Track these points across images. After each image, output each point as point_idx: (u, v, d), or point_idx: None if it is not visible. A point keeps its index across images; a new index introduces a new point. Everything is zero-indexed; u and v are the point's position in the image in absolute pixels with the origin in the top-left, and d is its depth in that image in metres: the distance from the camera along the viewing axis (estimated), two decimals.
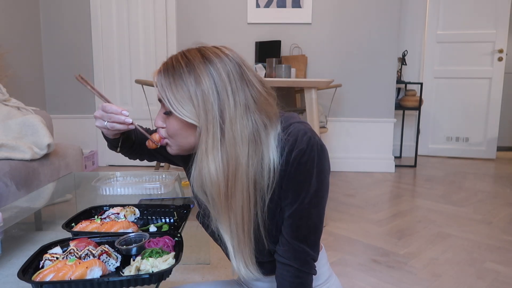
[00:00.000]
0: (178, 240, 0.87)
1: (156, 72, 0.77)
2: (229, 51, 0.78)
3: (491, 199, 2.87)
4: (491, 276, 1.72)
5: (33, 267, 0.77)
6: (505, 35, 4.10)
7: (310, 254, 0.80)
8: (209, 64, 0.75)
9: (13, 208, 1.49)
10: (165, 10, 3.63)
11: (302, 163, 0.75)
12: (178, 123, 0.76)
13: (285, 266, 0.80)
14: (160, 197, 1.43)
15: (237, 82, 0.75)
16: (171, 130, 0.78)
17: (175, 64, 0.75)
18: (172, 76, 0.74)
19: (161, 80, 0.75)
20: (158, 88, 0.76)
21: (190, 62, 0.75)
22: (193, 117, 0.74)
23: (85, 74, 3.72)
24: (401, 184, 3.29)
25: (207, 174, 0.74)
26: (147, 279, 0.72)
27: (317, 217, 0.80)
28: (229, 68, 0.75)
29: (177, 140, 0.78)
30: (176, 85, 0.74)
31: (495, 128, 4.25)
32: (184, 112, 0.73)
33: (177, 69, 0.75)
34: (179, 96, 0.73)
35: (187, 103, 0.73)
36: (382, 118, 3.69)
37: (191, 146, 0.79)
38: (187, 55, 0.76)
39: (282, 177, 0.76)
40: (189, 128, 0.76)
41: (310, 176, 0.76)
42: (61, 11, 3.69)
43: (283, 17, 3.53)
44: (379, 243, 2.06)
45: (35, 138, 1.97)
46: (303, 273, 0.80)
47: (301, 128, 0.76)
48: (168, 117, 0.77)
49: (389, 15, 3.54)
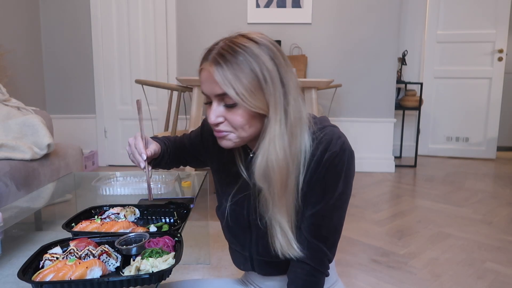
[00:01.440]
0: (178, 240, 0.87)
1: (211, 65, 0.72)
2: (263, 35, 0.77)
3: (491, 199, 2.87)
4: (491, 276, 1.72)
5: (33, 267, 0.77)
6: (505, 35, 4.10)
7: (327, 254, 0.81)
8: (264, 47, 0.73)
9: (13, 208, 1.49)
10: (165, 10, 3.63)
11: (333, 166, 0.76)
12: (245, 114, 0.73)
13: (300, 263, 0.81)
14: (160, 197, 1.43)
15: (287, 65, 0.76)
16: (236, 122, 0.74)
17: (232, 53, 0.71)
18: (235, 66, 0.70)
19: (223, 73, 0.70)
20: (219, 82, 0.71)
21: (248, 49, 0.72)
22: (262, 106, 0.73)
23: (85, 74, 3.75)
24: (401, 184, 3.29)
25: (275, 160, 0.73)
26: (147, 279, 0.72)
27: (338, 219, 0.81)
28: (278, 50, 0.76)
29: (241, 131, 0.76)
30: (243, 75, 0.70)
31: (495, 128, 4.25)
32: (253, 102, 0.72)
33: (238, 58, 0.71)
34: (248, 86, 0.71)
35: (257, 92, 0.72)
36: (382, 118, 3.69)
37: (253, 135, 0.78)
38: (237, 42, 0.73)
39: (312, 175, 0.77)
40: (255, 117, 0.75)
41: (338, 178, 0.77)
42: (61, 11, 3.68)
43: (283, 17, 3.53)
44: (379, 243, 2.06)
45: (35, 138, 1.97)
46: (318, 272, 0.81)
47: (336, 132, 0.78)
48: (231, 109, 0.74)
49: (389, 15, 3.54)
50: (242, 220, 0.87)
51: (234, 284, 1.02)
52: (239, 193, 0.87)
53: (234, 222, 0.88)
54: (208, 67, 0.73)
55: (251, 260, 0.90)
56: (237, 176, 0.87)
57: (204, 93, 0.77)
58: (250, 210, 0.85)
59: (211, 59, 0.72)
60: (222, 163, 0.91)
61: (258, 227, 0.84)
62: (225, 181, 0.91)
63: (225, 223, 0.91)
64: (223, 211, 0.90)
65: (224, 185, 0.91)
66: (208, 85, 0.74)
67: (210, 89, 0.74)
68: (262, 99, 0.72)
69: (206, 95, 0.76)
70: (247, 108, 0.72)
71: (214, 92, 0.73)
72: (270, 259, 0.85)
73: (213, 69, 0.71)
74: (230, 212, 0.88)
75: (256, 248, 0.87)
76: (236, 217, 0.87)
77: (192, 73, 3.64)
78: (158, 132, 3.65)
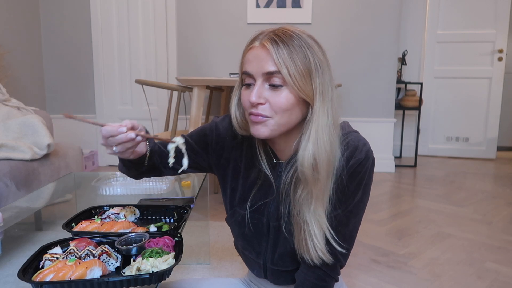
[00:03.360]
0: (178, 240, 0.87)
1: (267, 43, 0.71)
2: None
3: (491, 199, 2.87)
4: (491, 276, 1.72)
5: (33, 267, 0.77)
6: (505, 35, 4.10)
7: (340, 260, 0.80)
8: (314, 42, 0.74)
9: (13, 208, 1.49)
10: (165, 10, 3.63)
11: (356, 172, 0.76)
12: (289, 97, 0.71)
13: (312, 267, 0.80)
14: (160, 197, 1.43)
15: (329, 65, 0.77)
16: (279, 105, 0.72)
17: (289, 37, 0.71)
18: (291, 47, 0.70)
19: (279, 51, 0.70)
20: (275, 59, 0.70)
21: (302, 37, 0.72)
22: (309, 94, 0.72)
23: (85, 74, 3.75)
24: (401, 184, 3.29)
25: (324, 149, 0.72)
26: (147, 279, 0.72)
27: (354, 225, 0.81)
28: (323, 49, 0.76)
29: (281, 118, 0.73)
30: (297, 58, 0.70)
31: (495, 128, 4.25)
32: (302, 86, 0.71)
33: (294, 42, 0.71)
34: (301, 69, 0.70)
35: (307, 78, 0.71)
36: (382, 118, 3.69)
37: (289, 127, 0.75)
38: (292, 29, 0.73)
39: (335, 179, 0.76)
40: (298, 105, 0.73)
41: (359, 186, 0.78)
42: (61, 11, 3.69)
43: (283, 17, 3.53)
44: (379, 243, 2.06)
45: (35, 138, 1.97)
46: (328, 277, 0.81)
47: (361, 139, 0.78)
48: (276, 90, 0.72)
49: (389, 15, 3.54)
50: (261, 227, 0.84)
51: (235, 283, 1.02)
52: (258, 200, 0.84)
53: (252, 230, 0.85)
54: (263, 45, 0.72)
55: (265, 268, 0.89)
56: (254, 182, 0.84)
57: (247, 73, 0.74)
58: (270, 216, 0.83)
59: (266, 38, 0.72)
60: (238, 169, 0.86)
61: (276, 235, 0.83)
62: (242, 188, 0.86)
63: (240, 230, 0.87)
64: (237, 219, 0.86)
65: (240, 192, 0.86)
66: (257, 63, 0.72)
67: (260, 67, 0.72)
68: (311, 86, 0.71)
69: (250, 75, 0.73)
70: (294, 91, 0.71)
71: (264, 70, 0.71)
72: (285, 268, 0.85)
73: (269, 46, 0.70)
74: (249, 219, 0.84)
75: (272, 257, 0.85)
76: (255, 224, 0.84)
77: (192, 73, 3.64)
78: (158, 132, 3.65)
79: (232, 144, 0.86)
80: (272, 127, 0.73)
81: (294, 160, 0.77)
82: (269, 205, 0.83)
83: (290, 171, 0.78)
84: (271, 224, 0.83)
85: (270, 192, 0.83)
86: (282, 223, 0.81)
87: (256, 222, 0.84)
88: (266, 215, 0.83)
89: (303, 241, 0.76)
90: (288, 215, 0.80)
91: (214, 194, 2.88)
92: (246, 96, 0.74)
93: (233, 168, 0.87)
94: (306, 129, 0.73)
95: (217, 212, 2.49)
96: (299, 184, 0.75)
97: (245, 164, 0.86)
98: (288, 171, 0.79)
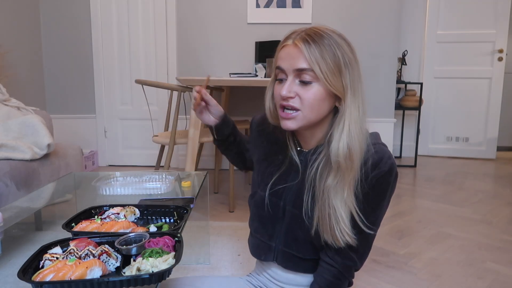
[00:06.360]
0: (178, 240, 0.87)
1: (299, 42, 0.77)
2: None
3: (491, 199, 2.87)
4: (491, 276, 1.72)
5: (33, 267, 0.77)
6: (505, 35, 4.10)
7: (356, 264, 0.86)
8: (344, 41, 0.80)
9: (13, 208, 1.49)
10: (165, 10, 3.63)
11: (379, 184, 0.79)
12: (318, 92, 0.78)
13: (329, 266, 0.85)
14: (160, 197, 1.43)
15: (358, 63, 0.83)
16: (308, 99, 0.78)
17: (319, 37, 0.77)
18: (322, 47, 0.76)
19: (311, 50, 0.76)
20: (307, 57, 0.76)
21: (332, 37, 0.78)
22: (339, 89, 0.77)
23: (85, 74, 3.74)
24: (401, 184, 3.29)
25: (357, 139, 0.77)
26: (147, 279, 0.72)
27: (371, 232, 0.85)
28: (353, 48, 0.82)
29: (309, 112, 0.79)
30: (328, 56, 0.76)
31: (495, 128, 4.25)
32: (333, 81, 0.76)
33: (324, 41, 0.77)
34: (331, 66, 0.76)
35: (337, 74, 0.77)
36: (382, 118, 3.69)
37: (316, 120, 0.81)
38: (322, 29, 0.79)
39: (356, 186, 0.79)
40: (326, 100, 0.79)
41: (379, 197, 0.81)
42: (61, 11, 3.69)
43: (283, 17, 3.53)
44: (379, 243, 2.06)
45: (35, 138, 1.97)
46: (342, 277, 0.85)
47: (387, 151, 0.81)
48: (305, 86, 0.78)
49: (389, 15, 3.55)
50: (277, 210, 0.89)
51: (235, 281, 1.02)
52: (278, 183, 0.89)
53: (269, 211, 0.90)
54: (295, 43, 0.78)
55: (276, 250, 0.91)
56: (278, 167, 0.91)
57: (280, 68, 0.81)
58: (287, 201, 0.87)
59: (299, 38, 0.78)
60: (265, 154, 0.95)
61: (291, 219, 0.86)
62: (265, 171, 0.93)
63: (257, 211, 0.93)
64: (257, 199, 0.92)
65: (263, 175, 0.93)
66: (289, 60, 0.78)
67: (292, 63, 0.78)
68: (341, 82, 0.77)
69: (283, 70, 0.80)
70: (326, 87, 0.77)
71: (296, 66, 0.77)
72: (296, 253, 0.88)
73: (301, 45, 0.77)
74: (267, 201, 0.90)
75: (285, 239, 0.88)
76: (272, 206, 0.89)
77: (192, 73, 3.65)
78: (158, 132, 3.65)
79: (264, 132, 0.97)
80: (300, 121, 0.80)
81: (320, 150, 0.83)
82: (289, 190, 0.88)
83: (316, 160, 0.83)
84: (287, 208, 0.87)
85: (292, 178, 0.88)
86: (301, 209, 0.85)
87: (273, 205, 0.89)
88: (284, 199, 0.88)
89: (327, 226, 0.80)
90: (311, 201, 0.83)
91: (214, 194, 2.88)
92: (278, 90, 0.82)
93: (261, 152, 0.97)
94: (339, 122, 0.79)
95: (217, 212, 2.49)
96: (330, 172, 0.79)
97: (275, 149, 0.94)
98: (315, 160, 0.84)
